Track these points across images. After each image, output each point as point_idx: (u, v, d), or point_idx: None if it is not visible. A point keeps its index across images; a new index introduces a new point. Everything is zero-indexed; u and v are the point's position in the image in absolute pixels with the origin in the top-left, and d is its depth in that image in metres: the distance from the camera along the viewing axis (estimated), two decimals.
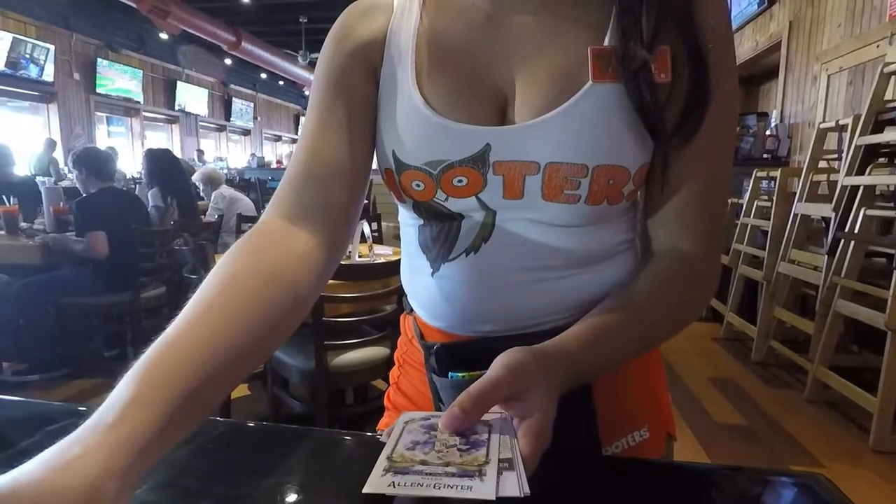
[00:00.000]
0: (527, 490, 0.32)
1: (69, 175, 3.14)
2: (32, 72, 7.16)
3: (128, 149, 9.40)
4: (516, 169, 0.48)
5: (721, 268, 0.55)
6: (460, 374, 0.49)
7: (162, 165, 3.40)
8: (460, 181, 0.49)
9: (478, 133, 0.48)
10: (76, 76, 8.04)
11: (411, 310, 0.61)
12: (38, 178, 4.67)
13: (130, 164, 8.64)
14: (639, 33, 0.45)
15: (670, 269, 0.50)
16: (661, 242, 0.52)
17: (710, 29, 0.47)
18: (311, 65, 11.51)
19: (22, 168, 5.19)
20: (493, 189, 0.49)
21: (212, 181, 3.91)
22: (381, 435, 0.56)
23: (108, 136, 9.19)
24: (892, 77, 2.42)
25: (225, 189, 3.88)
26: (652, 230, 0.53)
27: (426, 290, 0.56)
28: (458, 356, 0.52)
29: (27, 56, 7.08)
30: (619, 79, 0.46)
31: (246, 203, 3.91)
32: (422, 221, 0.55)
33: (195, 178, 4.03)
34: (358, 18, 0.54)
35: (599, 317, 0.46)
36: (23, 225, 3.24)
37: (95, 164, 2.87)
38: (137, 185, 5.02)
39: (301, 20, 9.36)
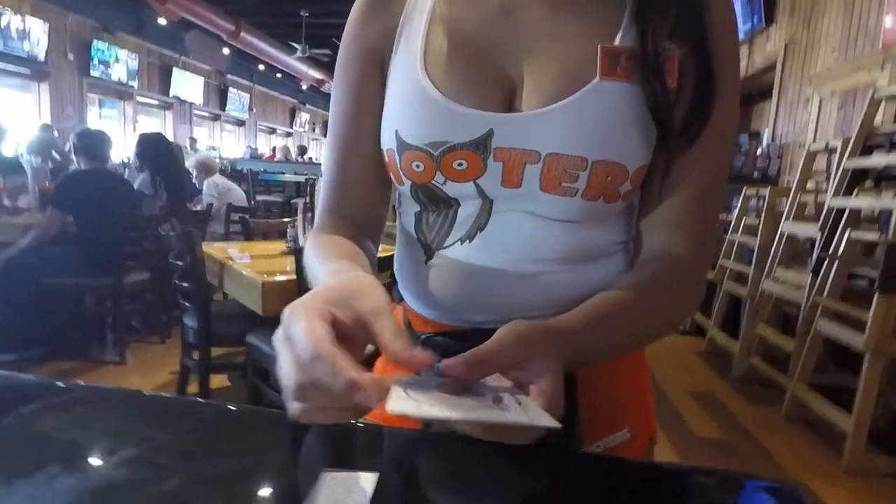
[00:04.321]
0: (557, 423, 0.31)
1: (72, 158, 3.13)
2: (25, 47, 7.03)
3: (119, 133, 9.27)
4: (517, 157, 0.49)
5: (707, 272, 0.56)
6: None
7: (154, 149, 3.36)
8: (460, 164, 0.50)
9: (482, 118, 0.49)
10: (70, 56, 7.93)
11: (401, 299, 0.61)
12: (25, 157, 4.59)
13: (122, 148, 8.52)
14: (658, 34, 0.46)
15: (665, 270, 0.51)
16: (657, 244, 0.52)
17: (718, 37, 0.48)
18: (311, 59, 11.47)
19: (12, 149, 5.09)
20: (491, 175, 0.50)
21: (206, 168, 3.88)
22: (360, 424, 0.56)
23: (100, 118, 9.07)
24: (883, 102, 2.46)
25: (218, 178, 3.85)
26: (647, 232, 0.53)
27: (419, 277, 0.56)
28: (445, 347, 0.51)
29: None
30: (627, 78, 0.47)
31: (238, 194, 3.88)
32: (419, 207, 0.55)
33: (189, 164, 4.00)
34: (371, 13, 0.56)
35: (596, 304, 0.46)
36: (6, 203, 3.19)
37: (89, 144, 2.85)
38: (127, 170, 4.95)
39: (302, 14, 9.33)
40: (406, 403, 0.31)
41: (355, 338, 0.36)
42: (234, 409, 0.47)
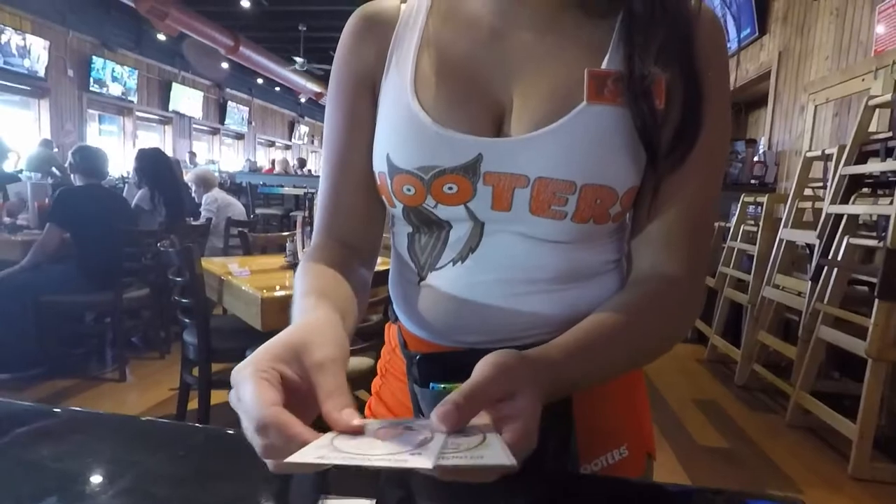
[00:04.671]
0: (513, 460, 0.29)
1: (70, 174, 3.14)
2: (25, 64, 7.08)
3: (119, 148, 9.31)
4: (506, 181, 0.49)
5: (706, 291, 0.56)
6: (441, 385, 0.48)
7: (153, 165, 3.37)
8: (450, 188, 0.50)
9: (471, 142, 0.49)
10: (70, 73, 7.99)
11: (396, 318, 0.61)
12: (25, 174, 4.61)
13: (121, 164, 8.55)
14: (645, 56, 0.46)
15: (655, 291, 0.50)
16: (647, 264, 0.52)
17: (707, 57, 0.48)
18: (309, 73, 11.54)
19: (12, 165, 5.11)
20: (481, 199, 0.50)
21: (205, 183, 3.88)
22: None
23: (100, 134, 9.11)
24: (877, 110, 2.48)
25: (218, 193, 3.85)
26: (637, 252, 0.53)
27: (412, 298, 0.56)
28: (440, 367, 0.51)
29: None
30: (614, 101, 0.47)
31: (238, 208, 3.89)
32: (411, 229, 0.55)
33: (188, 178, 4.01)
34: (362, 36, 0.56)
35: (584, 330, 0.46)
36: (6, 220, 3.20)
37: (85, 161, 2.87)
38: (127, 185, 4.96)
39: (300, 28, 9.41)
40: (309, 452, 0.30)
41: (306, 392, 0.35)
42: (231, 433, 0.46)
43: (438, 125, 0.49)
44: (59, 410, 0.48)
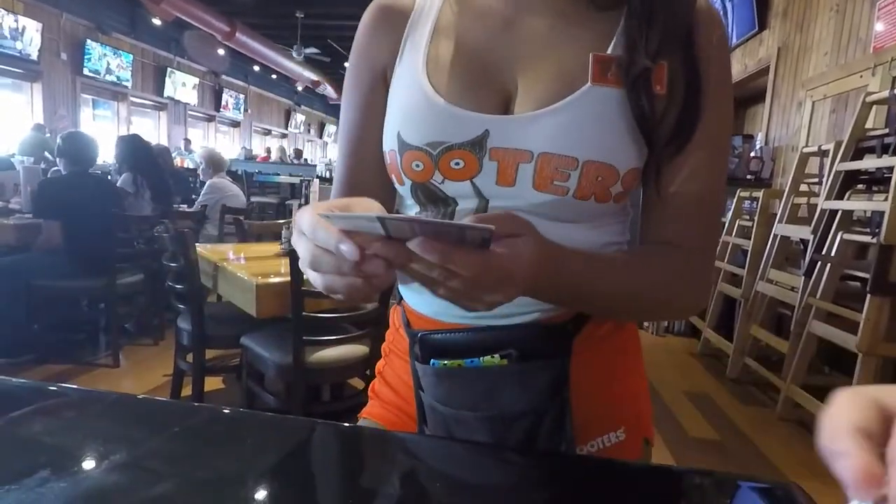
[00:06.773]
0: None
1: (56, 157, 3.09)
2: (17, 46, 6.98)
3: (113, 134, 9.22)
4: (511, 156, 0.51)
5: (713, 268, 0.58)
6: (442, 362, 0.50)
7: (131, 150, 3.35)
8: (457, 164, 0.52)
9: (479, 119, 0.51)
10: (63, 56, 7.87)
11: (401, 299, 0.63)
12: (18, 158, 4.56)
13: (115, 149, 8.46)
14: (644, 45, 0.49)
15: (661, 248, 0.53)
16: (657, 240, 0.54)
17: (706, 48, 0.50)
18: (306, 60, 11.44)
19: (3, 149, 5.05)
20: (487, 174, 0.52)
21: (214, 164, 3.85)
22: (354, 428, 0.56)
23: (94, 119, 9.01)
24: (874, 107, 2.48)
25: (221, 180, 3.82)
26: (647, 231, 0.55)
27: None
28: (441, 345, 0.53)
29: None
30: (618, 84, 0.49)
31: (240, 199, 3.87)
32: (418, 207, 0.57)
33: (199, 154, 3.99)
34: (378, 27, 0.59)
35: (595, 251, 0.52)
36: None
37: (73, 148, 2.82)
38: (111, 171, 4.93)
39: (297, 15, 9.31)
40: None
41: None
42: (227, 412, 0.46)
43: (449, 103, 0.52)
44: (54, 388, 0.48)
